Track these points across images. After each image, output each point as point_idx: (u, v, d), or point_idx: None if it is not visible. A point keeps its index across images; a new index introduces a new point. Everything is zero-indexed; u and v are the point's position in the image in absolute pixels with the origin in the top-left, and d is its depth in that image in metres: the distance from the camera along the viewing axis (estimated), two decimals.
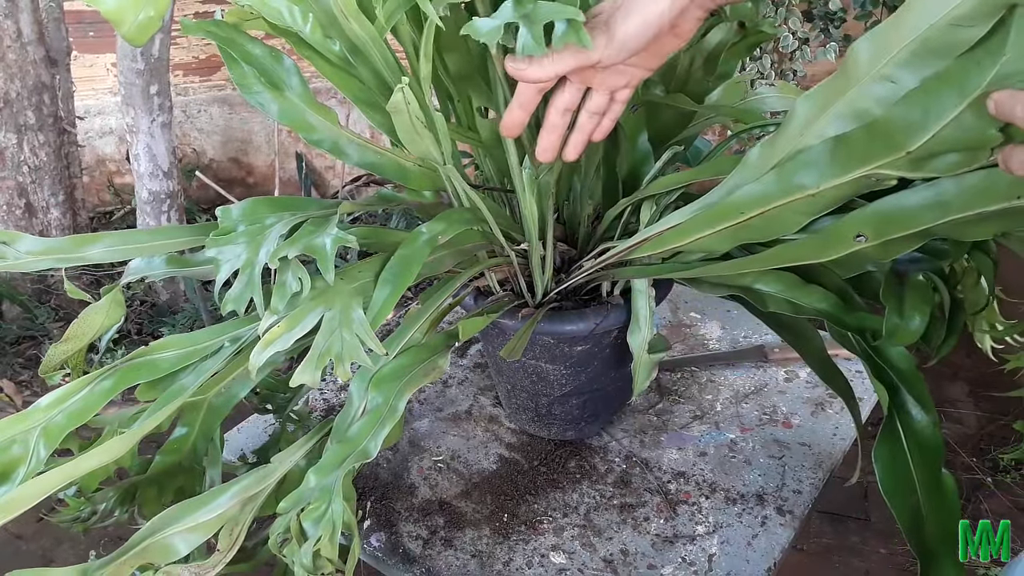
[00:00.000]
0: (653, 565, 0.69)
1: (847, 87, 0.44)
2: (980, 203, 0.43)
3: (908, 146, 0.42)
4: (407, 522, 0.75)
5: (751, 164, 0.52)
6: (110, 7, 0.50)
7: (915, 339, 0.53)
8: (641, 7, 0.47)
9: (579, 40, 0.46)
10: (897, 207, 0.47)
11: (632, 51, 0.49)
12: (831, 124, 0.46)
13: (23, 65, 1.95)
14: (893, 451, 0.53)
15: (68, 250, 0.61)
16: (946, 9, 0.37)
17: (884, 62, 0.41)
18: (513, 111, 0.54)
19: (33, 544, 1.53)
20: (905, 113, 0.42)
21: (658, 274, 0.65)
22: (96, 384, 0.58)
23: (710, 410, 0.88)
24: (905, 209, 0.46)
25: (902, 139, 0.42)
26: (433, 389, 0.95)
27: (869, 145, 0.44)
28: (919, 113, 0.41)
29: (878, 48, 0.41)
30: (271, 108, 0.57)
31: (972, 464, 1.58)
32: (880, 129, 0.43)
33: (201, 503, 0.54)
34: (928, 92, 0.40)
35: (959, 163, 0.42)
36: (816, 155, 0.47)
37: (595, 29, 0.48)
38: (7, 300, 2.09)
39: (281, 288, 0.54)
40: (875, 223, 0.48)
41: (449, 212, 0.61)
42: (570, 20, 0.46)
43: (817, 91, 0.46)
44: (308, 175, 2.76)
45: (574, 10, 0.46)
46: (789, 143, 0.49)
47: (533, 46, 0.46)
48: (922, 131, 0.41)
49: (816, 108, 0.46)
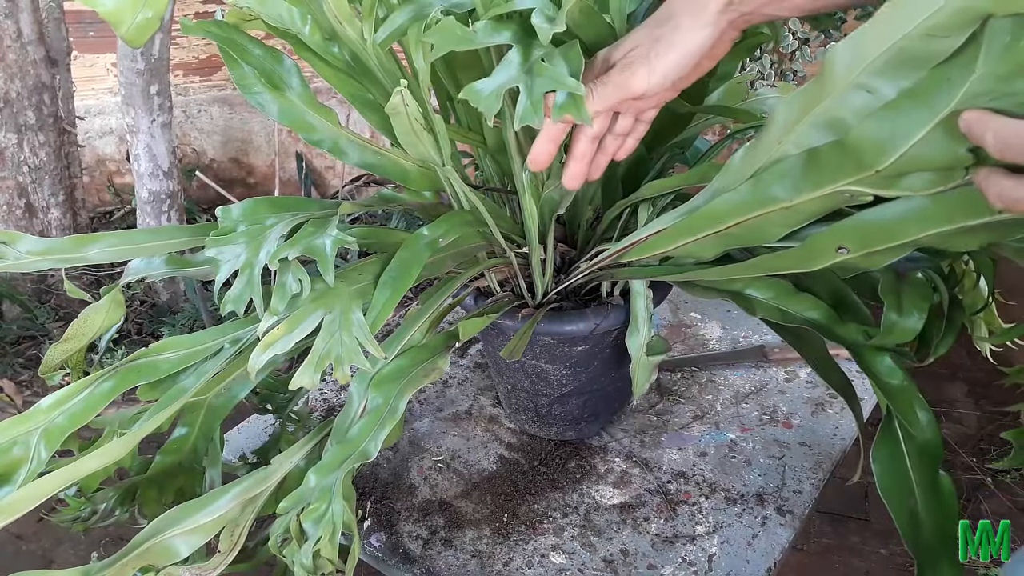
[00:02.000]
0: (653, 565, 0.69)
1: (823, 94, 0.43)
2: (962, 217, 0.42)
3: (876, 165, 0.41)
4: (407, 522, 0.75)
5: (733, 169, 0.52)
6: (108, 8, 0.50)
7: (912, 336, 0.53)
8: (681, 40, 0.47)
9: (578, 114, 0.46)
10: (879, 220, 0.45)
11: (673, 81, 0.49)
12: (808, 132, 0.45)
13: (23, 65, 1.95)
14: (891, 452, 0.53)
15: (68, 250, 0.61)
16: (920, 18, 0.36)
17: (860, 70, 0.40)
18: (543, 145, 0.53)
19: (34, 544, 1.53)
20: (874, 130, 0.40)
21: (653, 276, 0.65)
22: (96, 385, 0.58)
23: (710, 410, 0.88)
24: (887, 222, 0.45)
25: (871, 158, 0.41)
26: (433, 389, 0.95)
27: (840, 161, 0.43)
28: (887, 131, 0.40)
29: (855, 55, 0.40)
30: (271, 108, 0.57)
31: (972, 464, 1.58)
32: (850, 146, 0.42)
33: (202, 504, 0.54)
34: (897, 109, 0.39)
35: (932, 182, 0.41)
36: (790, 167, 0.46)
37: (634, 63, 0.48)
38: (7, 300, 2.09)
39: (281, 289, 0.54)
40: (857, 235, 0.47)
41: (449, 214, 0.61)
42: (570, 93, 0.46)
43: (796, 97, 0.45)
44: (308, 175, 2.76)
45: (575, 83, 0.46)
46: (768, 150, 0.48)
47: (531, 113, 0.46)
48: (891, 150, 0.40)
49: (795, 115, 0.45)
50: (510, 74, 0.46)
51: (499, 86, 0.46)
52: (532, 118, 0.46)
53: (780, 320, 0.59)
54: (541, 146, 0.53)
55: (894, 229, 0.45)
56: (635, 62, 0.48)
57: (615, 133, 0.55)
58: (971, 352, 1.79)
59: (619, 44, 0.51)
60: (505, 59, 0.47)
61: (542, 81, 0.46)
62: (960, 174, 0.39)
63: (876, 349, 0.55)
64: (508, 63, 0.47)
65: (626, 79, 0.49)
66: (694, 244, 0.57)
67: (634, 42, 0.49)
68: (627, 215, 0.69)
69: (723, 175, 0.53)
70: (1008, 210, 0.36)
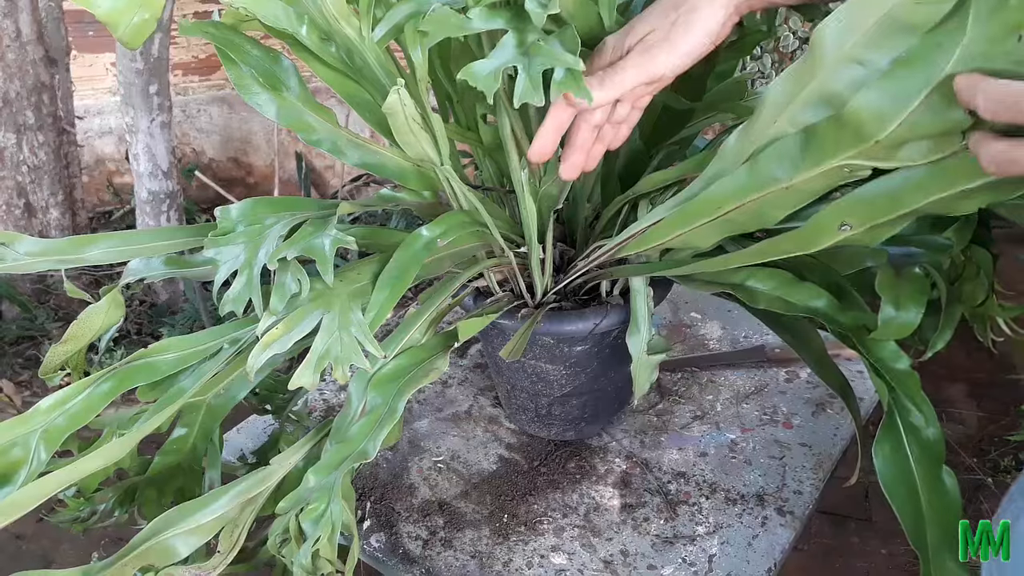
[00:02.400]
0: (653, 566, 0.69)
1: (816, 70, 0.43)
2: (963, 181, 0.41)
3: (877, 135, 0.41)
4: (407, 522, 0.75)
5: (727, 154, 0.52)
6: (105, 10, 0.49)
7: (910, 331, 0.53)
8: (701, 18, 0.49)
9: (578, 90, 0.46)
10: (879, 192, 0.45)
11: (693, 60, 0.50)
12: (803, 110, 0.45)
13: (22, 65, 1.95)
14: (894, 448, 0.53)
15: (67, 251, 0.61)
16: None
17: (852, 43, 0.40)
18: (547, 135, 0.53)
19: (33, 544, 1.53)
20: (871, 101, 0.40)
21: (651, 272, 0.65)
22: (96, 386, 0.58)
23: (710, 410, 0.88)
24: (887, 193, 0.45)
25: (871, 128, 0.41)
26: (433, 389, 0.95)
27: (838, 136, 0.43)
28: (887, 100, 0.39)
29: (845, 27, 0.40)
30: (270, 109, 0.57)
31: (973, 465, 1.58)
32: (848, 119, 0.42)
33: (201, 505, 0.54)
34: (893, 77, 0.39)
35: (931, 149, 0.40)
36: (787, 147, 0.46)
37: (654, 47, 0.49)
38: (7, 300, 2.09)
39: (280, 289, 0.54)
40: (858, 210, 0.47)
41: (448, 215, 0.61)
42: (569, 69, 0.46)
43: (788, 75, 0.45)
44: (308, 175, 2.75)
45: (573, 59, 0.46)
46: (763, 131, 0.48)
47: (531, 92, 0.46)
48: (890, 118, 0.40)
49: (787, 93, 0.45)
50: (507, 55, 0.46)
51: (497, 66, 0.46)
52: (532, 96, 0.46)
53: (783, 310, 0.58)
54: (545, 136, 0.53)
55: (896, 199, 0.44)
56: (655, 45, 0.49)
57: (613, 121, 0.56)
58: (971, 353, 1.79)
59: (631, 29, 0.51)
60: (501, 42, 0.47)
61: (539, 59, 0.46)
62: (958, 139, 0.39)
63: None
64: (504, 46, 0.47)
65: (647, 62, 0.50)
66: (692, 233, 0.56)
67: (649, 25, 0.50)
68: (626, 212, 0.69)
69: (718, 160, 0.53)
70: (1001, 174, 0.36)
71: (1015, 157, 0.34)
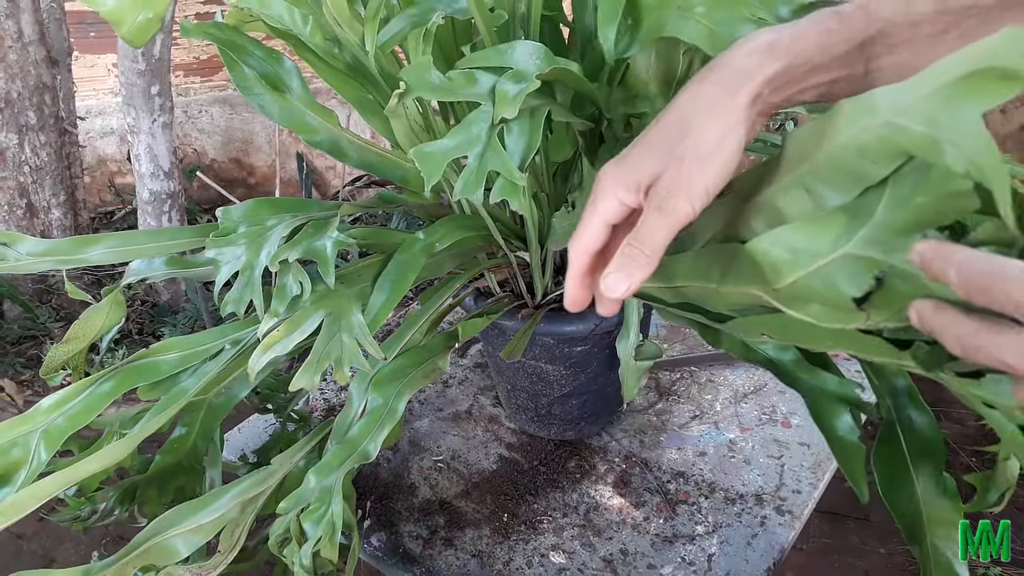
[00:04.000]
0: (653, 565, 0.69)
1: (774, 176, 0.39)
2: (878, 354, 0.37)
3: (774, 283, 0.37)
4: (407, 522, 0.75)
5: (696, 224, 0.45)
6: (109, 8, 0.50)
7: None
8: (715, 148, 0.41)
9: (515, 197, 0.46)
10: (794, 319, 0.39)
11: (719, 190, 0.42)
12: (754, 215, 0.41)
13: (24, 65, 1.96)
14: (892, 451, 0.53)
15: (69, 252, 0.61)
16: (853, 131, 0.32)
17: (804, 168, 0.36)
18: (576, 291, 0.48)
19: (34, 543, 1.53)
20: (774, 245, 0.36)
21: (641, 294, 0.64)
22: (97, 386, 0.58)
23: (709, 410, 0.88)
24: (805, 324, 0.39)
25: (771, 275, 0.37)
26: (433, 389, 0.95)
27: (752, 267, 0.38)
28: (785, 251, 0.36)
29: (801, 149, 0.37)
30: (272, 110, 0.58)
31: (972, 464, 1.58)
32: (757, 255, 0.38)
33: (202, 505, 0.55)
34: (799, 231, 0.35)
35: (832, 317, 0.36)
36: (722, 254, 0.42)
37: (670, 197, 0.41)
38: (8, 300, 2.10)
39: (281, 291, 0.54)
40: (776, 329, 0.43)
41: (448, 218, 0.61)
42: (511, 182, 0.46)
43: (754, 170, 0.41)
44: (309, 175, 2.76)
45: (519, 175, 0.45)
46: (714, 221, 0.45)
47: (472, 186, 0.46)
48: (785, 273, 0.36)
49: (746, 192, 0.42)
50: (465, 140, 0.45)
51: (448, 152, 0.46)
52: (472, 192, 0.46)
53: (744, 356, 0.57)
54: (575, 291, 0.48)
55: (811, 334, 0.40)
56: (671, 195, 0.42)
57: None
58: None
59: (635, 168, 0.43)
60: (467, 120, 0.46)
61: (492, 159, 0.45)
62: (857, 317, 0.34)
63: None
64: (468, 126, 0.46)
65: (670, 218, 0.42)
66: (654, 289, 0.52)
67: (651, 169, 0.42)
68: None
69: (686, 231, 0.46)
70: (968, 358, 0.31)
71: (981, 343, 0.30)
